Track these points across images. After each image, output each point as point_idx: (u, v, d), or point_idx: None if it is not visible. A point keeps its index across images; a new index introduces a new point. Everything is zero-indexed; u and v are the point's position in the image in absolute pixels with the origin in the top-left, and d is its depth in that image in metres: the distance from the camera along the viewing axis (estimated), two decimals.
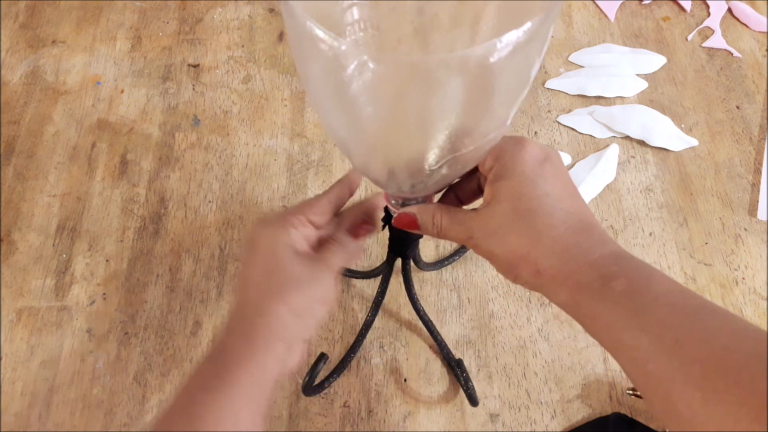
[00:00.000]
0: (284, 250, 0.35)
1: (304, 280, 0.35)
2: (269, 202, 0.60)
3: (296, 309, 0.34)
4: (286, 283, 0.34)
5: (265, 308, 0.34)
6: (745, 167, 0.63)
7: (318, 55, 0.26)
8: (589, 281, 0.30)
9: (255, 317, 0.34)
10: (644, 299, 0.28)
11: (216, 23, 0.73)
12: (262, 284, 0.35)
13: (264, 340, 0.34)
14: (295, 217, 0.36)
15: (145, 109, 0.67)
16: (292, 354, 0.35)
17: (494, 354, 0.53)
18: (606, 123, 0.65)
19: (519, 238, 0.31)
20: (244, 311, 0.35)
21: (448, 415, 0.50)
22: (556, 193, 0.32)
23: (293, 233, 0.36)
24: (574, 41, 0.72)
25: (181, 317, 0.55)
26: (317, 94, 0.30)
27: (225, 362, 0.33)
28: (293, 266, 0.35)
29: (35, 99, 0.67)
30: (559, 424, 0.50)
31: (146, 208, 0.60)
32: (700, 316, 0.27)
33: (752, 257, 0.57)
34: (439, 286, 0.56)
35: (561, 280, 0.31)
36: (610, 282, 0.29)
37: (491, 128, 0.31)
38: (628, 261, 0.31)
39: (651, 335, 0.27)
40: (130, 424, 0.50)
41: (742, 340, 0.25)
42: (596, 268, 0.30)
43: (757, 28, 0.73)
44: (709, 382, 0.25)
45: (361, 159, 0.34)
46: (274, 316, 0.34)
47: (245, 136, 0.65)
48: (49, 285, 0.56)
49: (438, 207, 0.36)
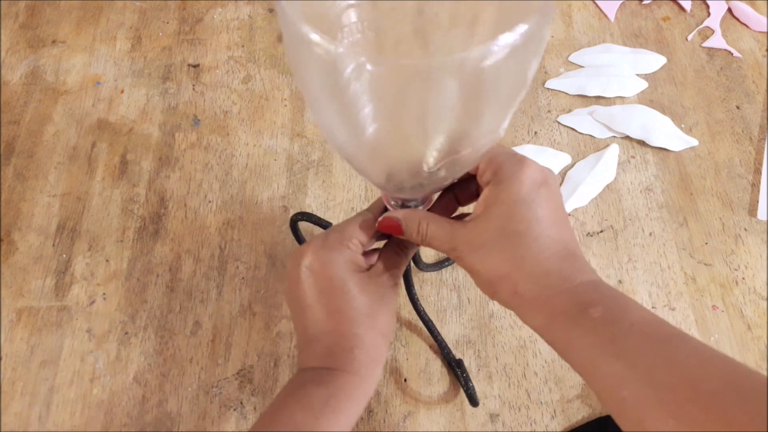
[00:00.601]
0: (353, 276, 0.36)
1: (382, 301, 0.36)
2: (269, 202, 0.60)
3: (384, 331, 0.36)
4: (369, 309, 0.35)
5: (361, 339, 0.35)
6: (745, 167, 0.63)
7: (314, 59, 0.26)
8: (567, 308, 0.30)
9: (353, 349, 0.35)
10: (620, 327, 0.29)
11: (216, 23, 0.73)
12: (347, 313, 0.35)
13: (366, 369, 0.35)
14: (348, 240, 0.37)
15: (145, 109, 0.67)
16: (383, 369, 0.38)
17: (494, 354, 0.53)
18: (606, 123, 0.65)
19: (502, 257, 0.32)
20: (338, 343, 0.35)
21: (448, 415, 0.50)
22: (547, 219, 0.32)
23: (352, 255, 0.37)
24: (574, 41, 0.72)
25: (181, 317, 0.55)
26: (314, 97, 0.30)
27: (333, 393, 0.34)
28: (368, 289, 0.36)
29: (35, 99, 0.67)
30: (559, 424, 0.50)
31: (146, 208, 0.60)
32: (674, 343, 0.28)
33: (752, 257, 0.57)
34: (439, 286, 0.56)
35: (539, 304, 0.31)
36: (588, 309, 0.30)
37: (489, 130, 0.31)
38: (606, 290, 0.31)
39: (625, 362, 0.27)
40: (130, 424, 0.50)
41: (714, 366, 0.26)
42: (575, 294, 0.30)
43: (757, 28, 0.73)
44: (681, 408, 0.25)
45: (359, 160, 0.34)
46: (371, 344, 0.35)
47: (245, 136, 0.65)
48: (49, 285, 0.56)
49: (425, 215, 0.36)
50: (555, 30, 0.72)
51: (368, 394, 0.36)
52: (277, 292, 0.56)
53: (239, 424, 0.50)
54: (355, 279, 0.36)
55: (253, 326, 0.54)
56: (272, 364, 0.52)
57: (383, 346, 0.36)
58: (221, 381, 0.52)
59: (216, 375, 0.52)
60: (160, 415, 0.50)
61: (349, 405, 0.34)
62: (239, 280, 0.56)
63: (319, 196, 0.61)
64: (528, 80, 0.29)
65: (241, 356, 0.53)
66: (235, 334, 0.54)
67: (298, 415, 0.33)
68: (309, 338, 0.36)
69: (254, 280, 0.56)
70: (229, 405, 0.51)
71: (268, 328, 0.54)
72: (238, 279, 0.56)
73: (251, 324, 0.54)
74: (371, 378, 0.35)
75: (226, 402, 0.51)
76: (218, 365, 0.52)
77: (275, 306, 0.55)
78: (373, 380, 0.36)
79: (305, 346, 0.36)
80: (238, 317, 0.55)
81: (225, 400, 0.51)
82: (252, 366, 0.52)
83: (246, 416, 0.50)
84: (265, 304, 0.55)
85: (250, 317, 0.54)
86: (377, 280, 0.37)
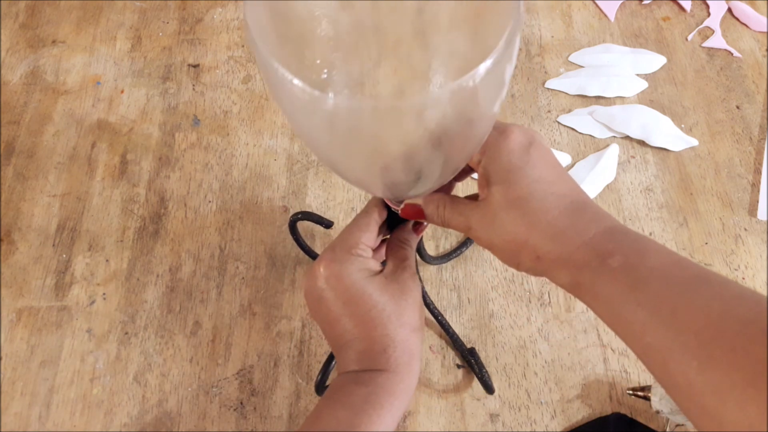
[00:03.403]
0: (370, 281, 0.37)
1: (403, 297, 0.37)
2: (269, 202, 0.60)
3: (413, 324, 0.37)
4: (394, 308, 0.36)
5: (391, 338, 0.36)
6: (745, 167, 0.63)
7: (292, 97, 0.25)
8: (587, 261, 0.30)
9: (386, 349, 0.36)
10: (640, 274, 0.29)
11: (216, 23, 0.73)
12: (373, 318, 0.36)
13: (403, 365, 0.35)
14: (356, 246, 0.38)
15: (145, 109, 0.67)
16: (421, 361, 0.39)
17: (494, 354, 0.53)
18: (606, 123, 0.65)
19: (515, 226, 0.32)
20: (371, 347, 0.36)
21: (448, 416, 0.50)
22: (546, 177, 0.33)
23: (363, 261, 0.37)
24: (574, 41, 0.72)
25: (181, 317, 0.55)
26: (296, 126, 0.30)
27: (373, 391, 0.35)
28: (388, 289, 0.37)
29: (35, 99, 0.67)
30: (559, 424, 0.50)
31: (146, 208, 0.60)
32: (696, 286, 0.28)
33: (752, 257, 0.57)
34: (439, 286, 0.56)
35: (561, 262, 0.31)
36: (607, 260, 0.30)
37: (473, 145, 0.32)
38: (624, 235, 0.31)
39: (647, 308, 0.28)
40: (130, 424, 0.50)
41: (738, 306, 0.26)
42: (592, 246, 0.31)
43: (757, 28, 0.73)
44: (704, 349, 0.25)
45: (350, 177, 0.35)
46: (402, 341, 0.36)
47: (245, 136, 0.65)
48: (49, 285, 0.56)
49: (441, 197, 0.36)
50: (555, 30, 0.72)
51: (410, 389, 0.36)
52: (277, 292, 0.56)
53: (239, 424, 0.50)
54: (373, 283, 0.37)
55: (253, 326, 0.54)
56: (272, 364, 0.52)
57: (415, 339, 0.37)
58: (221, 381, 0.52)
59: (216, 375, 0.52)
60: (160, 415, 0.50)
61: (390, 400, 0.34)
62: (239, 280, 0.56)
63: (319, 196, 0.61)
64: (507, 83, 0.29)
65: (241, 356, 0.53)
66: (235, 334, 0.54)
67: (340, 413, 0.34)
68: (342, 346, 0.37)
69: (254, 280, 0.56)
70: (229, 405, 0.51)
71: (268, 328, 0.54)
72: (238, 279, 0.56)
73: (251, 324, 0.54)
74: (410, 373, 0.36)
75: (226, 402, 0.51)
76: (218, 365, 0.52)
77: (275, 306, 0.55)
78: (413, 374, 0.36)
79: (340, 353, 0.37)
80: (238, 317, 0.55)
81: (225, 400, 0.51)
82: (252, 366, 0.52)
83: (246, 416, 0.50)
84: (265, 304, 0.55)
85: (250, 317, 0.54)
86: (393, 277, 0.38)
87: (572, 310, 0.55)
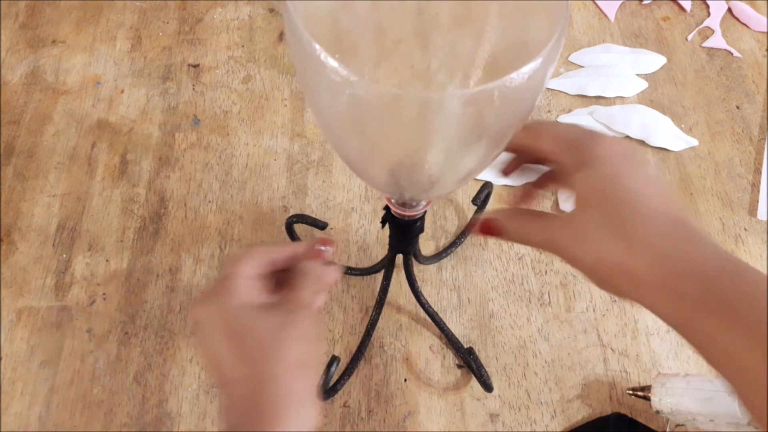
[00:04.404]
0: (244, 315, 0.33)
1: (283, 330, 0.32)
2: (269, 202, 0.60)
3: (293, 361, 0.32)
4: (269, 342, 0.32)
5: (266, 375, 0.31)
6: (745, 167, 0.63)
7: (327, 82, 0.25)
8: (693, 291, 0.27)
9: (262, 389, 0.31)
10: (756, 312, 0.25)
11: (216, 23, 0.73)
12: (244, 356, 0.32)
13: (282, 409, 0.31)
14: (233, 280, 0.34)
15: (145, 109, 0.67)
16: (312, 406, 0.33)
17: (494, 354, 0.53)
18: (606, 123, 0.65)
19: (611, 245, 0.28)
20: (248, 388, 0.31)
21: (448, 415, 0.50)
22: (647, 193, 0.29)
23: (240, 293, 0.33)
24: (574, 41, 0.72)
25: (181, 317, 0.55)
26: (323, 113, 0.30)
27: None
28: (262, 322, 0.32)
29: (35, 99, 0.67)
30: (559, 424, 0.50)
31: (146, 208, 0.60)
32: None
33: (752, 257, 0.57)
34: (439, 286, 0.56)
35: (666, 292, 0.27)
36: (723, 297, 0.26)
37: (492, 150, 0.32)
38: (732, 264, 0.27)
39: None
40: (130, 424, 0.50)
41: None
42: (699, 275, 0.27)
43: (757, 28, 0.73)
44: None
45: (365, 172, 0.34)
46: (277, 379, 0.31)
47: (245, 136, 0.65)
48: (49, 285, 0.56)
49: (521, 212, 0.34)
50: None
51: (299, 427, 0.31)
52: None
53: None
54: (245, 319, 0.32)
55: None
56: None
57: (298, 377, 0.32)
58: None
59: None
60: (160, 415, 0.50)
61: None
62: None
63: (319, 196, 0.61)
64: (546, 83, 0.29)
65: None
66: None
67: None
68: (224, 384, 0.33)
69: None
70: None
71: None
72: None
73: None
74: (288, 417, 0.31)
75: None
76: None
77: None
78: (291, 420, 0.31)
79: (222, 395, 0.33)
80: None
81: None
82: None
83: None
84: None
85: None
86: (283, 307, 0.33)
87: (572, 310, 0.55)
